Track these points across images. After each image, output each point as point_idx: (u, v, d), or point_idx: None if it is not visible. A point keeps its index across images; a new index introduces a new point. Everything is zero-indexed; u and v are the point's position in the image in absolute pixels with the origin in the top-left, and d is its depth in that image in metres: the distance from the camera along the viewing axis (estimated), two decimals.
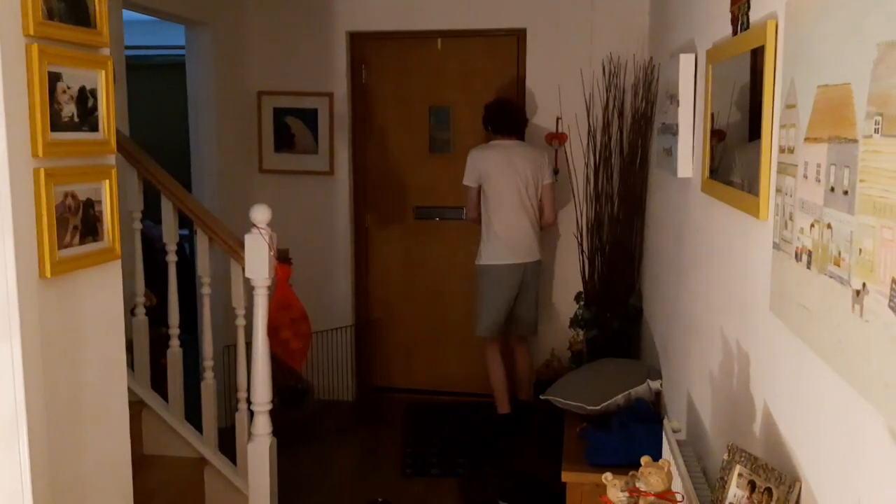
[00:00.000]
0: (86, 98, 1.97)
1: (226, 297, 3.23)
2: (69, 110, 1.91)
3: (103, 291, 2.12)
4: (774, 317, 1.51)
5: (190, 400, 3.28)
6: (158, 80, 6.41)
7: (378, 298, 4.93)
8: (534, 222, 4.12)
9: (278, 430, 3.11)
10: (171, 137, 5.50)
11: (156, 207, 3.26)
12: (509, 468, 3.84)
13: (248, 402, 3.06)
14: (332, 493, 3.71)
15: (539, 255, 4.17)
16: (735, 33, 1.98)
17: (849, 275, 1.09)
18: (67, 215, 1.91)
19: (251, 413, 3.04)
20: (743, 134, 1.85)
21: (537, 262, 4.17)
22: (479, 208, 4.12)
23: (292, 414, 4.24)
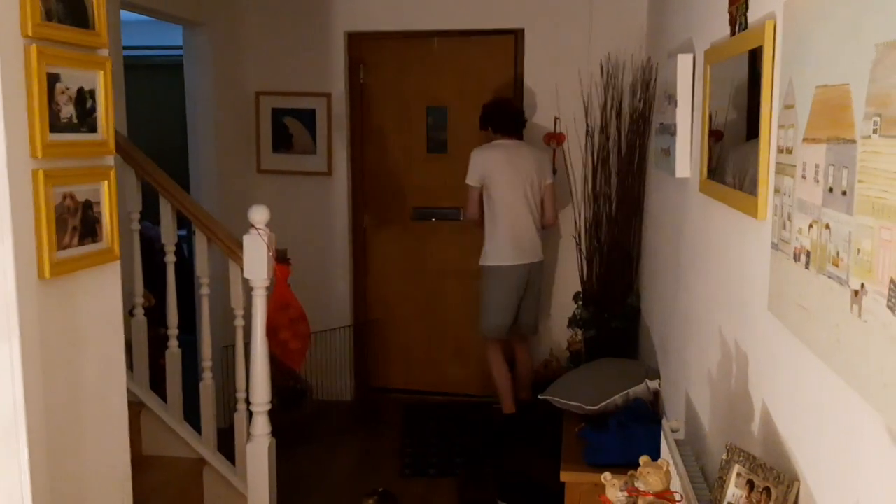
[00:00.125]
0: (84, 99, 1.97)
1: (224, 298, 3.23)
2: (68, 111, 1.91)
3: (102, 292, 2.12)
4: (773, 317, 1.51)
5: (189, 400, 3.27)
6: (156, 81, 6.40)
7: (376, 299, 4.93)
8: (537, 223, 4.11)
9: (277, 430, 3.11)
10: (169, 138, 5.50)
11: (154, 208, 3.26)
12: (508, 468, 3.84)
13: (247, 402, 3.06)
14: (330, 494, 3.71)
15: (542, 255, 4.17)
16: (733, 34, 1.98)
17: (847, 275, 1.09)
18: (66, 216, 1.91)
19: (250, 413, 3.04)
20: (741, 134, 1.86)
21: (540, 262, 4.17)
22: (479, 208, 4.11)
23: (291, 414, 4.23)
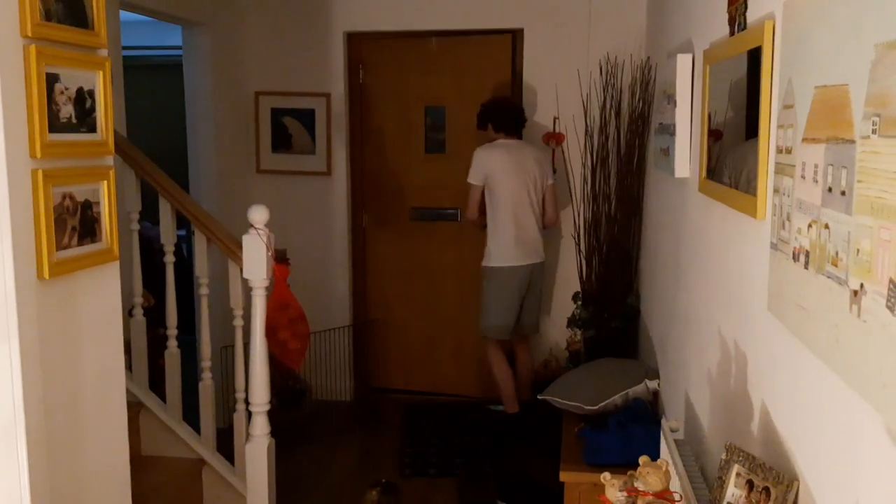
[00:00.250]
0: (84, 99, 1.97)
1: (224, 298, 3.23)
2: (67, 111, 1.91)
3: (101, 292, 2.12)
4: (772, 317, 1.51)
5: (188, 400, 3.27)
6: (156, 81, 6.40)
7: (376, 299, 4.92)
8: (539, 223, 4.11)
9: (276, 430, 3.11)
10: (168, 138, 5.50)
11: (154, 208, 3.26)
12: (508, 468, 3.84)
13: (247, 402, 3.06)
14: (330, 494, 3.70)
15: (543, 255, 4.17)
16: (732, 34, 1.98)
17: (846, 275, 1.09)
18: (66, 216, 1.91)
19: (249, 413, 3.04)
20: (740, 134, 1.86)
21: (542, 262, 4.18)
22: (479, 208, 4.10)
23: (290, 414, 4.23)
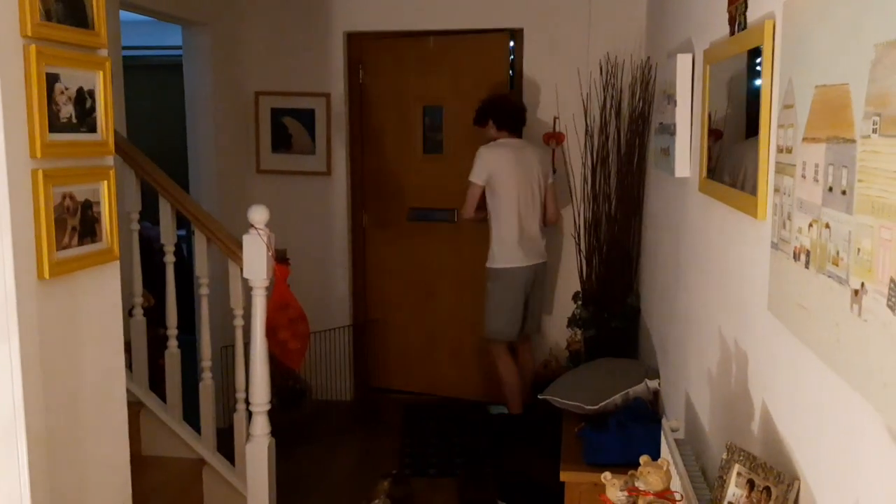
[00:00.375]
0: (84, 99, 1.97)
1: (224, 298, 3.23)
2: (67, 111, 1.91)
3: (102, 292, 2.12)
4: (773, 316, 1.51)
5: (188, 400, 3.27)
6: (156, 81, 6.40)
7: (376, 299, 4.92)
8: (541, 222, 4.11)
9: (276, 430, 3.11)
10: (168, 138, 5.49)
11: (154, 208, 3.26)
12: (508, 468, 3.84)
13: (247, 402, 3.06)
14: (330, 494, 3.70)
15: (546, 255, 4.17)
16: (732, 33, 1.98)
17: (847, 274, 1.09)
18: (66, 216, 1.91)
19: (249, 413, 3.04)
20: (740, 134, 1.86)
21: (545, 262, 4.18)
22: (477, 207, 4.08)
23: (290, 414, 4.23)
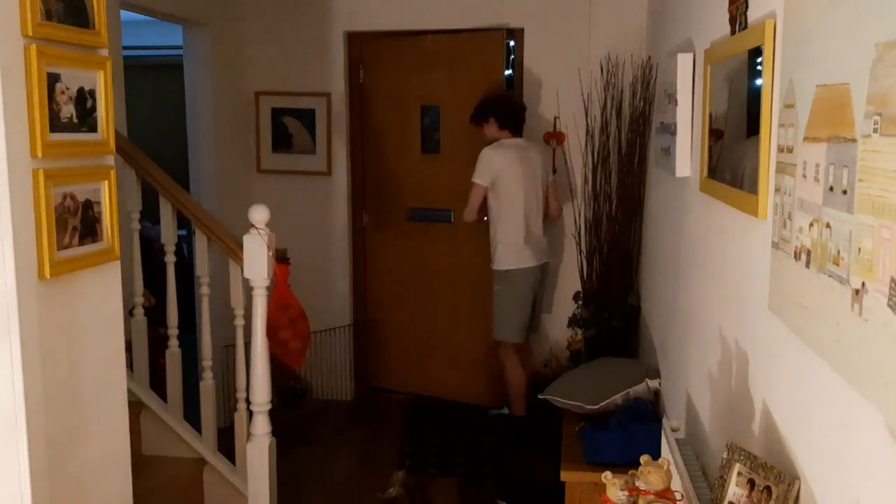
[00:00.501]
0: (84, 99, 1.97)
1: (224, 298, 3.22)
2: (68, 111, 1.91)
3: (102, 292, 2.12)
4: (773, 316, 1.51)
5: (189, 400, 3.27)
6: (156, 81, 6.41)
7: (376, 298, 4.92)
8: (543, 222, 4.11)
9: (277, 430, 3.11)
10: (169, 138, 5.50)
11: (154, 208, 3.26)
12: (508, 468, 3.84)
13: (247, 402, 3.05)
14: (330, 494, 3.71)
15: (549, 254, 4.17)
16: (733, 33, 1.98)
17: (848, 274, 1.09)
18: (66, 216, 1.91)
19: (250, 413, 3.04)
20: (741, 133, 1.86)
21: (548, 262, 4.19)
22: (480, 208, 4.07)
23: (291, 414, 4.23)
